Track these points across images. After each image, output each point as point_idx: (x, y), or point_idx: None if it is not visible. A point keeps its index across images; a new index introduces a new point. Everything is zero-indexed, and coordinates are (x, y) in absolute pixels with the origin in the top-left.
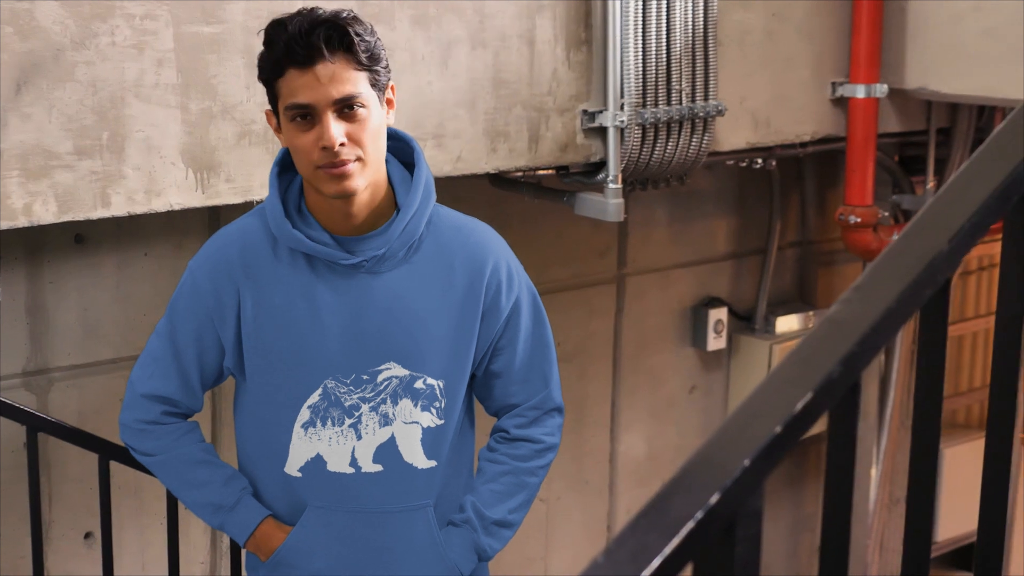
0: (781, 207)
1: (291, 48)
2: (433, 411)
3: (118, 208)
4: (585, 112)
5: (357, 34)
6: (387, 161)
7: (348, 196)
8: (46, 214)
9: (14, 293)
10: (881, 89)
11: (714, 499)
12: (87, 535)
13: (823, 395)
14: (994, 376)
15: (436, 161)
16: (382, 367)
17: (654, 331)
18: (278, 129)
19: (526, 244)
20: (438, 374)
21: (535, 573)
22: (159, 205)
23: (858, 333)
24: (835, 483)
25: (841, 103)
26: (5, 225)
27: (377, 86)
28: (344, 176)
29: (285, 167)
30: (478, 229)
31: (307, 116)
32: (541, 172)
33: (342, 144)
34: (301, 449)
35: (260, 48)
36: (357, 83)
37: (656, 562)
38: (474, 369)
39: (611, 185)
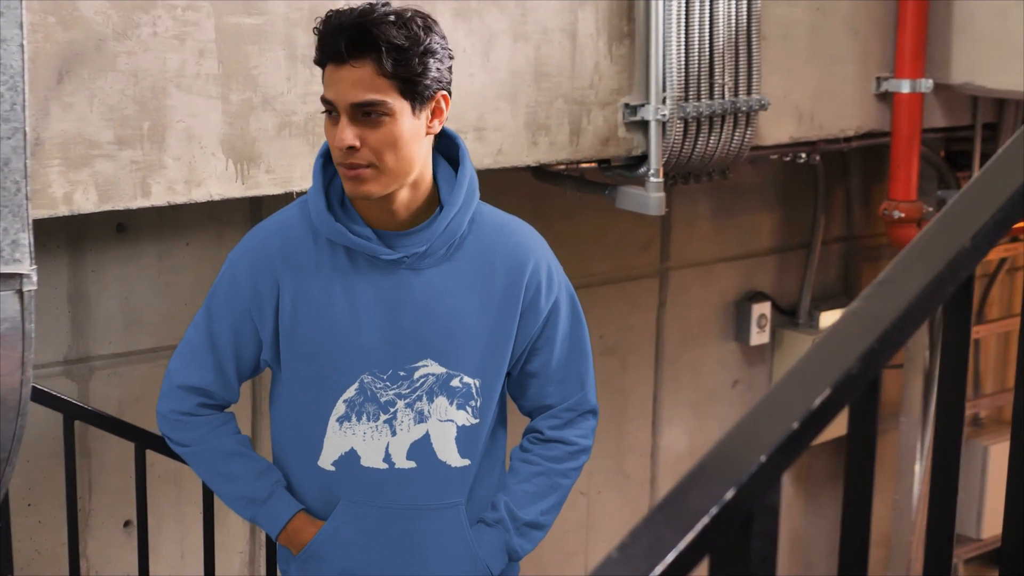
0: (826, 202)
1: (324, 44)
2: (469, 410)
3: (158, 198)
4: (627, 106)
5: (388, 41)
6: (433, 158)
7: (364, 199)
8: (86, 203)
9: (56, 282)
10: (926, 84)
11: (730, 494)
12: (126, 523)
13: (842, 391)
14: (1019, 376)
15: (477, 154)
16: (419, 364)
17: (697, 325)
18: None
19: (568, 237)
20: (474, 373)
21: (575, 568)
22: (199, 195)
23: (879, 329)
24: (855, 479)
25: (886, 98)
26: (46, 214)
27: (412, 96)
28: (357, 179)
29: (329, 159)
30: (520, 229)
31: (333, 112)
32: (583, 165)
33: (352, 148)
34: (335, 443)
35: (301, 39)
36: (381, 90)
37: (670, 557)
38: (510, 368)
39: (652, 179)
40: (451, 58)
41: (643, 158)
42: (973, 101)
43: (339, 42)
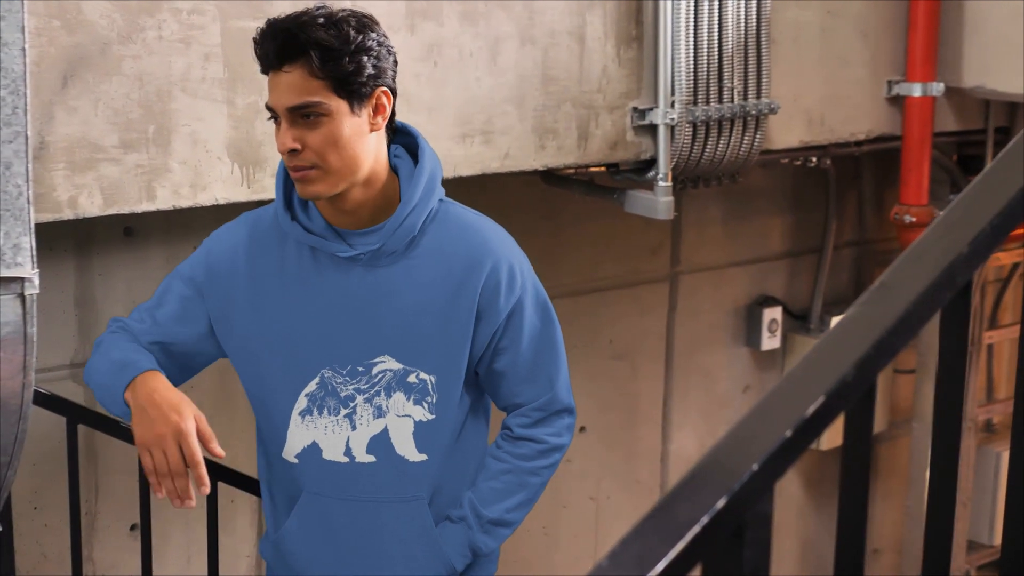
0: (837, 206)
1: (259, 53)
2: (425, 405)
3: (163, 202)
4: (635, 109)
5: (318, 43)
6: (397, 156)
7: (314, 199)
8: (91, 207)
9: (63, 285)
10: (938, 88)
11: (721, 503)
12: (133, 527)
13: (836, 399)
14: (1019, 384)
15: (484, 158)
16: (377, 360)
17: (707, 330)
18: None
19: (578, 242)
20: (431, 369)
21: (585, 572)
22: (204, 199)
23: (874, 336)
24: (850, 487)
25: (897, 102)
26: (51, 218)
27: (349, 94)
28: (304, 181)
29: None
30: (484, 229)
31: (276, 118)
32: (593, 170)
33: (294, 151)
34: (298, 436)
35: None
36: (315, 92)
37: (660, 566)
38: (475, 367)
39: (661, 183)
40: (391, 54)
41: (652, 162)
42: (985, 105)
43: (270, 49)
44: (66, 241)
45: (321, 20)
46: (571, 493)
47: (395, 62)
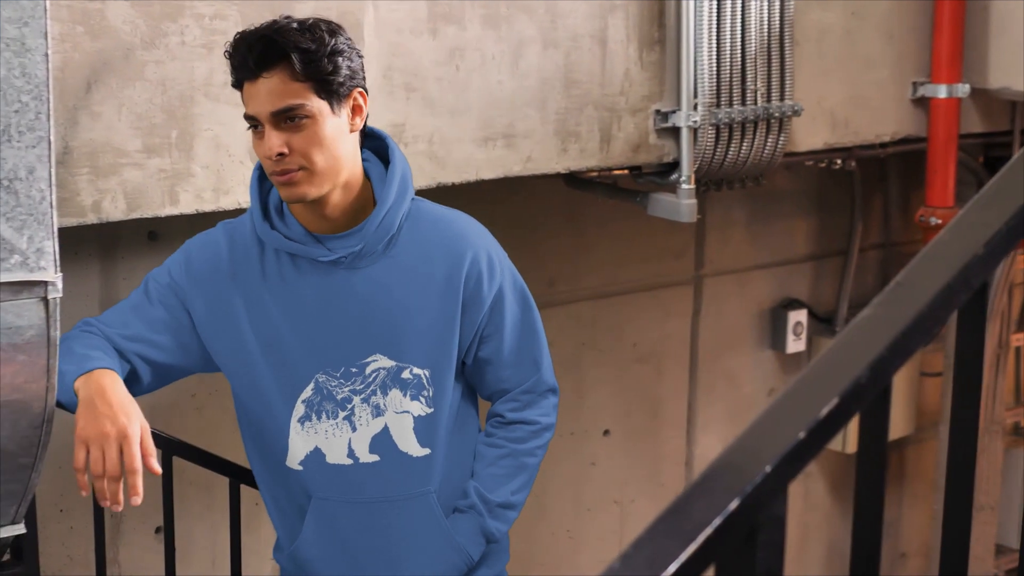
0: (863, 208)
1: (236, 64)
2: (422, 400)
3: (186, 206)
4: (658, 112)
5: (297, 46)
6: (366, 159)
7: (301, 202)
8: (115, 211)
9: (88, 289)
10: (963, 89)
11: (734, 505)
12: (158, 529)
13: (850, 400)
14: None
15: (506, 161)
16: (369, 359)
17: (732, 333)
18: None
19: (601, 245)
20: (423, 363)
21: None
22: (227, 203)
23: (888, 337)
24: (866, 489)
25: (922, 103)
26: (75, 222)
27: (328, 94)
28: (290, 184)
29: (264, 173)
30: (458, 221)
31: (258, 126)
32: (616, 172)
33: (281, 154)
34: (299, 443)
35: None
36: (297, 94)
37: (672, 568)
38: (463, 357)
39: (684, 186)
40: (361, 57)
41: (674, 165)
42: (1012, 106)
43: (249, 57)
44: (91, 245)
45: (295, 25)
46: (595, 496)
47: (363, 65)
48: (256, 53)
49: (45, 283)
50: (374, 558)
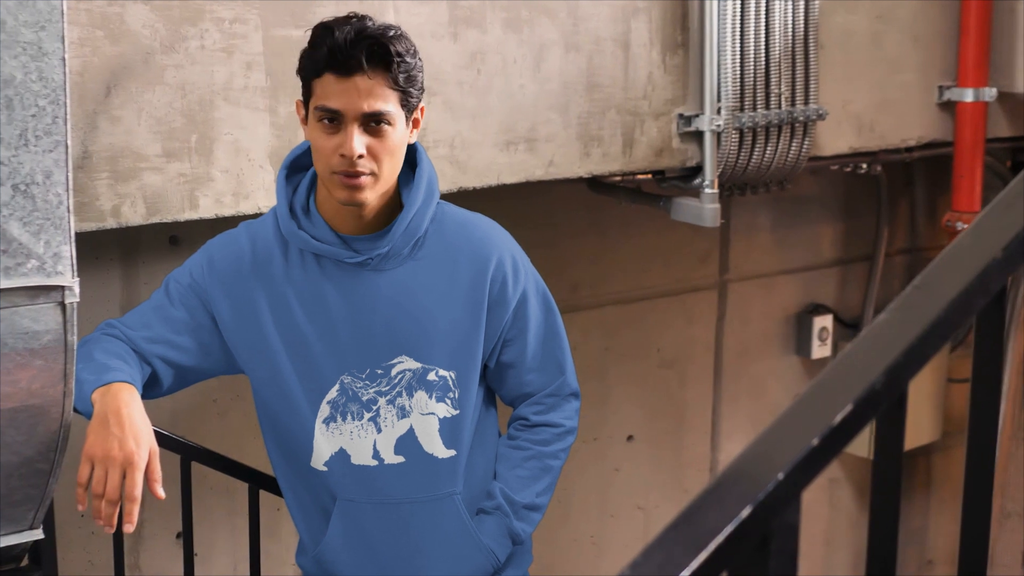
0: (889, 213)
1: (334, 55)
2: (448, 401)
3: (206, 210)
4: (681, 116)
5: (398, 54)
6: None
7: (358, 205)
8: (134, 216)
9: (109, 294)
10: (990, 93)
11: (745, 513)
12: (178, 535)
13: (864, 407)
14: None
15: (528, 165)
16: (395, 361)
17: (757, 338)
18: (305, 120)
19: (625, 249)
20: (449, 365)
21: None
22: (247, 208)
23: (904, 342)
24: (881, 497)
25: (948, 107)
26: (94, 226)
27: (407, 106)
28: (357, 187)
29: (293, 170)
30: (483, 225)
31: (334, 120)
32: (639, 177)
33: (360, 156)
34: (324, 444)
35: None
36: (388, 101)
37: None
38: (486, 360)
39: (707, 190)
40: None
41: (698, 169)
42: None
43: (357, 53)
44: (112, 250)
45: (394, 33)
46: (619, 503)
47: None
48: (366, 50)
49: (62, 288)
50: (400, 560)
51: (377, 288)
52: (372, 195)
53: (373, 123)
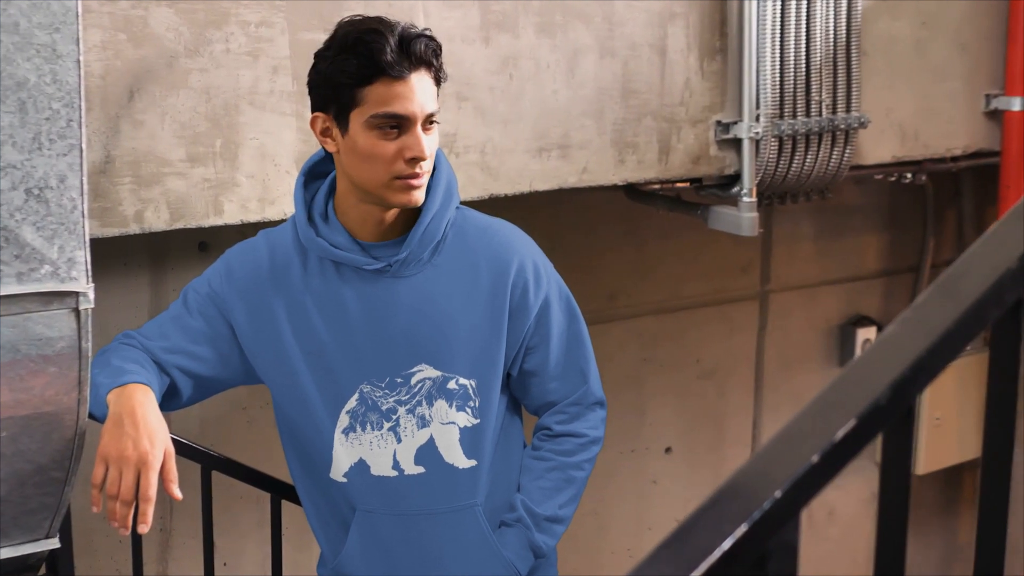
0: (936, 223)
1: (387, 59)
2: (468, 411)
3: (231, 216)
4: (719, 123)
5: (437, 54)
6: None
7: (414, 206)
8: (158, 221)
9: (138, 300)
10: None
11: (741, 531)
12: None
13: (868, 423)
14: None
15: (561, 172)
16: (414, 369)
17: (799, 349)
18: (326, 135)
19: (663, 258)
20: (469, 374)
21: None
22: (272, 213)
23: (912, 356)
24: (888, 518)
25: (995, 116)
26: (116, 232)
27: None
28: (418, 188)
29: (311, 177)
30: (503, 230)
31: (396, 126)
32: (678, 185)
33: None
34: (344, 455)
35: None
36: (436, 99)
37: None
38: (508, 368)
39: (745, 199)
40: None
41: (736, 177)
42: None
43: (410, 55)
44: (140, 256)
45: (426, 29)
46: (657, 515)
47: None
48: (416, 51)
49: (76, 294)
50: (420, 572)
51: (396, 295)
52: (424, 193)
53: (429, 123)
